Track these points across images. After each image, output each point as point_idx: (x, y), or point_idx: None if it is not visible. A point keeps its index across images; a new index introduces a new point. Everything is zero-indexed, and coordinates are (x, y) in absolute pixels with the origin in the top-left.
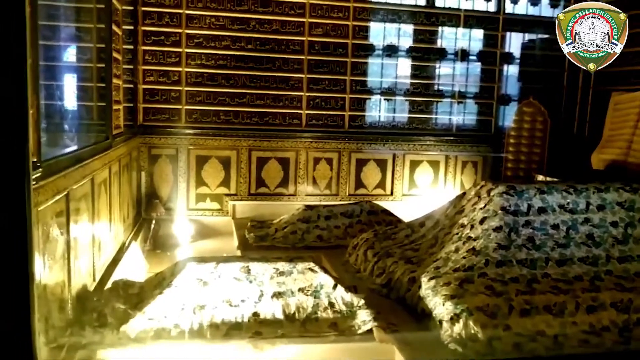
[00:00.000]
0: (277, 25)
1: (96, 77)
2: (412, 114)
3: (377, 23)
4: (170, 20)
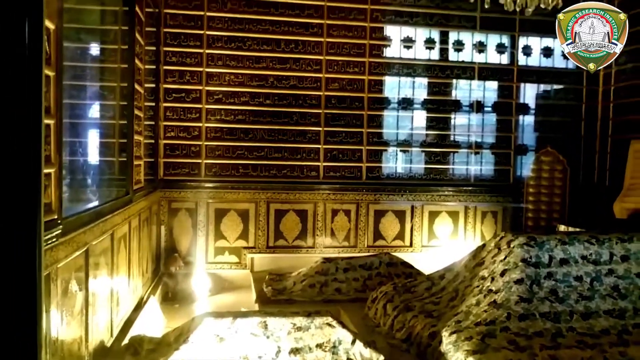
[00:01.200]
0: (294, 81)
1: (118, 133)
2: (429, 164)
3: (392, 77)
4: (191, 78)
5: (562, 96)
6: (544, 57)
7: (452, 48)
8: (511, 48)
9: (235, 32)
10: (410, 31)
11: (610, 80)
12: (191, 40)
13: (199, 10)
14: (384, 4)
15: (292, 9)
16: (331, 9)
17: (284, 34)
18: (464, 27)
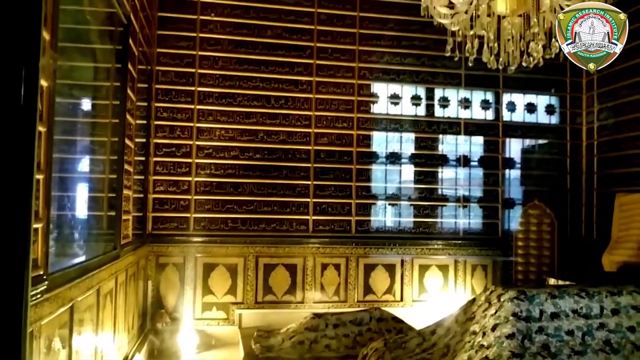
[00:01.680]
0: (284, 136)
1: (107, 187)
2: (418, 217)
3: (380, 132)
4: (181, 133)
5: (546, 150)
6: (528, 113)
7: (438, 104)
8: (495, 104)
9: (226, 88)
10: (397, 88)
11: (593, 135)
12: (182, 96)
13: (191, 67)
14: (371, 62)
15: (282, 67)
16: (320, 67)
17: (274, 90)
18: (450, 84)
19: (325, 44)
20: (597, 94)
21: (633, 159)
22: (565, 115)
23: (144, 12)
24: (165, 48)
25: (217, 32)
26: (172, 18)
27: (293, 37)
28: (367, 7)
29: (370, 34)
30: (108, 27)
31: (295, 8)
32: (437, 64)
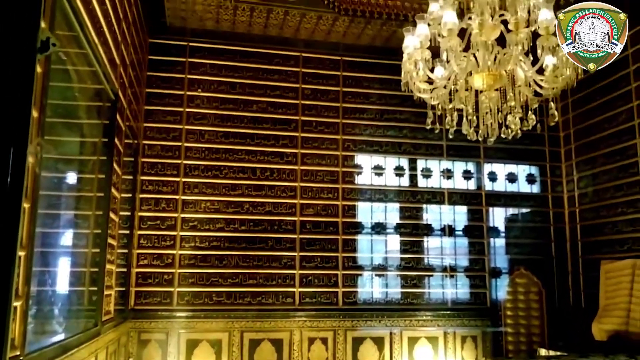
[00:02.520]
0: (269, 207)
1: (90, 262)
2: (406, 288)
3: (365, 202)
4: (166, 205)
5: (530, 218)
6: (509, 182)
7: (421, 174)
8: (477, 173)
9: (212, 161)
10: (380, 159)
11: (574, 202)
12: (168, 169)
13: (177, 141)
14: (355, 134)
15: (267, 140)
16: (305, 139)
17: (259, 162)
18: (432, 154)
19: (309, 117)
20: (575, 163)
21: (614, 226)
22: (546, 183)
23: (132, 89)
24: (152, 122)
25: (203, 107)
26: (160, 94)
27: (278, 111)
28: (349, 83)
29: (353, 107)
30: (96, 103)
31: (280, 84)
32: (418, 136)
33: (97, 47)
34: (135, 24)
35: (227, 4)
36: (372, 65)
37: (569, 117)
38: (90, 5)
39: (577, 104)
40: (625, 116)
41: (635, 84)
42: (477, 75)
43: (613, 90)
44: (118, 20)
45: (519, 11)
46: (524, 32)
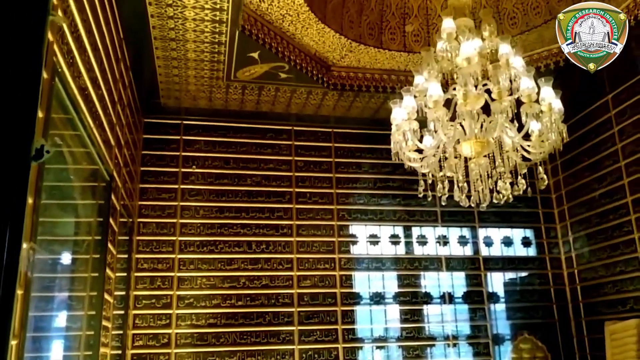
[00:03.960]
0: (266, 280)
1: (84, 345)
2: (408, 359)
3: (362, 272)
4: (162, 283)
5: (529, 281)
6: (505, 246)
7: (416, 242)
8: (473, 238)
9: (208, 236)
10: (375, 228)
11: (572, 263)
12: (163, 246)
13: (172, 218)
14: (349, 203)
15: (262, 212)
16: (299, 211)
17: (255, 235)
18: (426, 221)
19: (303, 189)
20: (570, 223)
21: (614, 285)
22: (542, 245)
23: (127, 168)
24: (147, 200)
25: (198, 183)
26: (155, 172)
27: (272, 183)
28: (341, 153)
29: (346, 177)
30: (91, 183)
31: (273, 157)
32: (412, 203)
33: (92, 129)
34: (130, 105)
35: (219, 84)
36: (362, 136)
37: (559, 179)
38: (86, 91)
39: (567, 165)
40: (615, 175)
41: (621, 144)
42: (465, 143)
43: (600, 151)
44: (113, 103)
45: (501, 81)
46: (507, 100)
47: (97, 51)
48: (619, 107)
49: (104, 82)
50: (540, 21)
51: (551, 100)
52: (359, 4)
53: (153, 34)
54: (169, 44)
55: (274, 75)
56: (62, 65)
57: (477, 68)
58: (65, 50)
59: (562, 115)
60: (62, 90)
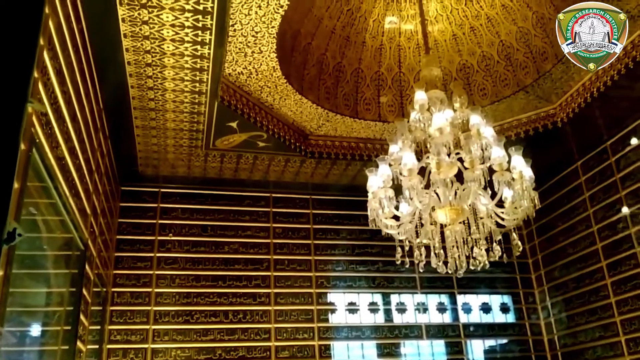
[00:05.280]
0: (243, 351)
1: None
2: None
3: (341, 341)
4: (135, 356)
5: (510, 348)
6: (484, 313)
7: (395, 309)
8: (452, 305)
9: (183, 305)
10: (354, 297)
11: (552, 329)
12: (138, 316)
13: (147, 287)
14: (328, 270)
15: (239, 280)
16: (277, 278)
17: (232, 304)
18: (405, 287)
19: (281, 256)
20: (547, 288)
21: (594, 351)
22: (521, 311)
23: (102, 236)
24: (122, 269)
25: (174, 251)
26: (131, 240)
27: (250, 250)
28: (319, 220)
29: (324, 244)
30: (65, 252)
31: (251, 224)
32: (391, 269)
33: (68, 198)
34: (108, 173)
35: (198, 152)
36: (340, 202)
37: (535, 244)
38: (64, 160)
39: (542, 230)
40: (588, 240)
41: (592, 209)
42: (440, 210)
43: (573, 216)
44: (90, 171)
45: (472, 150)
46: (479, 169)
47: (76, 122)
48: (588, 174)
49: (81, 152)
50: (509, 92)
51: (522, 168)
52: (335, 77)
53: (133, 104)
54: (149, 114)
55: (253, 144)
56: (40, 136)
57: (449, 138)
58: (44, 122)
59: (533, 183)
60: (39, 160)
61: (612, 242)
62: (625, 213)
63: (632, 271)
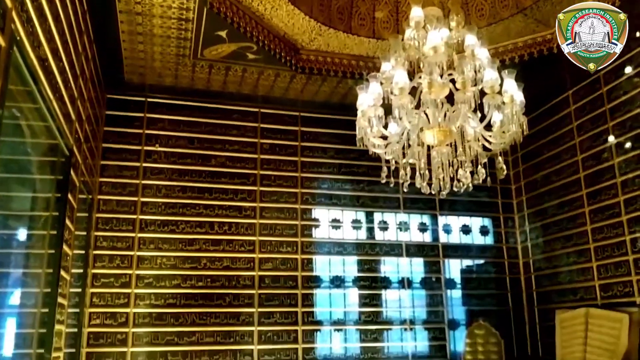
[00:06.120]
0: (227, 262)
1: (39, 323)
2: (365, 342)
3: (324, 255)
4: (121, 262)
5: (486, 269)
6: (464, 234)
7: (378, 227)
8: (433, 226)
9: (169, 215)
10: (338, 213)
11: (528, 253)
12: (124, 224)
13: (133, 196)
14: (313, 188)
15: (225, 194)
16: (264, 193)
17: (217, 216)
18: (389, 207)
19: (268, 172)
20: (527, 214)
21: (566, 275)
22: (500, 235)
23: (88, 144)
24: (108, 177)
25: (161, 162)
26: (116, 149)
27: (237, 165)
28: (307, 137)
29: (312, 161)
30: (50, 158)
31: (239, 138)
32: (375, 189)
33: (52, 102)
34: (93, 80)
35: (186, 61)
36: (329, 121)
37: (519, 170)
38: (47, 62)
39: (527, 157)
40: (572, 169)
41: (579, 139)
42: (428, 131)
43: (559, 145)
44: (75, 76)
45: (465, 71)
46: (471, 91)
47: (59, 22)
48: (579, 103)
49: (65, 54)
50: (508, 14)
51: (513, 93)
52: None
53: (118, 7)
54: (135, 19)
55: (242, 56)
56: (21, 34)
57: (443, 57)
58: (25, 19)
59: (524, 108)
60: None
61: (594, 171)
62: (611, 142)
63: (610, 200)
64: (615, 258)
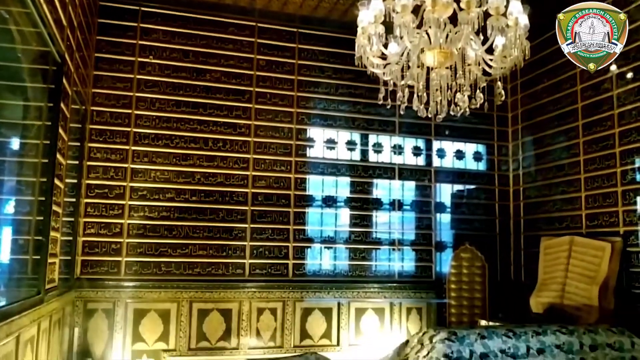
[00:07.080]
0: (221, 178)
1: (34, 230)
2: (354, 261)
3: (317, 175)
4: (115, 174)
5: (476, 195)
6: (457, 160)
7: (372, 149)
8: (427, 150)
9: (163, 130)
10: (333, 133)
11: (519, 181)
12: (117, 137)
13: (127, 108)
14: (309, 107)
15: (220, 110)
16: (259, 111)
17: (212, 132)
18: (384, 130)
19: (264, 89)
20: (522, 143)
21: (555, 204)
22: (493, 162)
23: (80, 52)
24: (101, 88)
25: (155, 74)
26: (110, 59)
27: (232, 81)
28: (305, 55)
29: (308, 80)
30: (41, 66)
31: (235, 53)
32: (372, 111)
33: (42, 6)
34: None
35: None
36: (328, 39)
37: (517, 98)
38: None
39: (526, 86)
40: (570, 99)
41: (580, 68)
42: (429, 52)
43: (559, 74)
44: None
45: None
46: (475, 11)
47: None
48: None
49: None
50: None
51: (518, 15)
52: None
53: None
54: None
55: None
56: None
57: None
58: None
59: (527, 32)
60: None
61: (593, 102)
62: (613, 71)
63: (605, 132)
64: (604, 189)
